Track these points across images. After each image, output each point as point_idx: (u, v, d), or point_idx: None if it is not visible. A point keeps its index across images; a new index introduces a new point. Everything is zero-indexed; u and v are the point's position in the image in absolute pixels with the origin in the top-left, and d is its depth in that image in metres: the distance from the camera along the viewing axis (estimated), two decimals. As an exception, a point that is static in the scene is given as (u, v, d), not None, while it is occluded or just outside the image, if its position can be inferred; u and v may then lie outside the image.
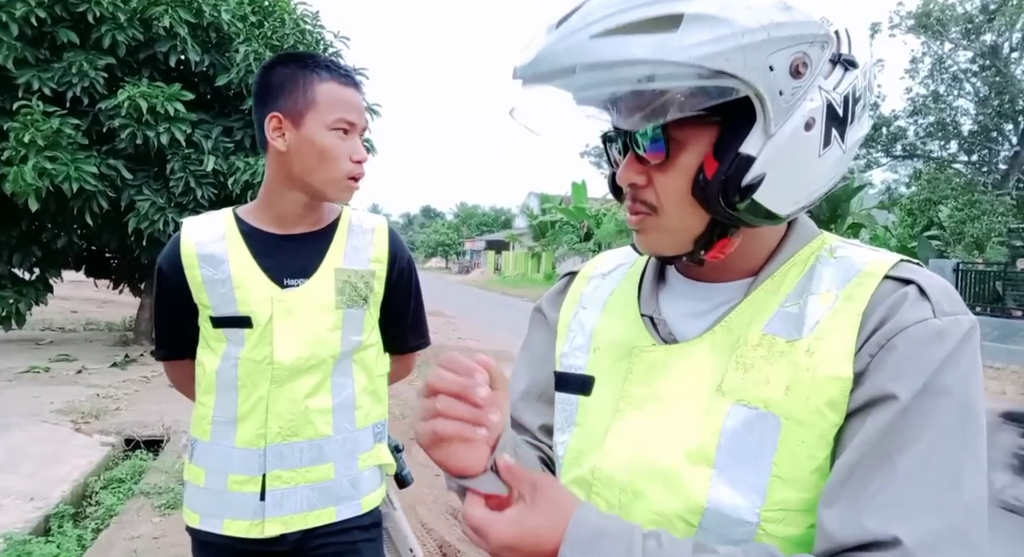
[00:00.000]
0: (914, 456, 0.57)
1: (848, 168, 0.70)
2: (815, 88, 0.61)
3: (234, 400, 1.37)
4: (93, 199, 7.14)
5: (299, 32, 8.23)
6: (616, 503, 0.69)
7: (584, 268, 0.88)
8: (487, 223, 65.40)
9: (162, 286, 1.45)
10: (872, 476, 0.58)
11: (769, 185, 0.61)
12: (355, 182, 1.37)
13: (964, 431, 0.58)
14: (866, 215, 19.98)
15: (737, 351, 0.67)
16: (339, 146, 1.33)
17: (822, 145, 0.62)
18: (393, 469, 1.55)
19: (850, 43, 0.62)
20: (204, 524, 1.39)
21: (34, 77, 6.93)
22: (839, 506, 0.58)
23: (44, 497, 3.55)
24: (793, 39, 0.58)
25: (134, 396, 6.05)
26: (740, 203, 0.62)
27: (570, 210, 29.28)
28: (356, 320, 1.42)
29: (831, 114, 0.62)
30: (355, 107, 1.36)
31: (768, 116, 0.59)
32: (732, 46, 0.55)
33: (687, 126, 0.62)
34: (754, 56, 0.56)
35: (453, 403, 0.57)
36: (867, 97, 0.66)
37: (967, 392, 0.59)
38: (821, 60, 0.60)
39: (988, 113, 20.65)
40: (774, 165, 0.61)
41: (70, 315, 12.07)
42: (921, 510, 0.56)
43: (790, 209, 0.65)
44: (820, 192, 0.67)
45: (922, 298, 0.62)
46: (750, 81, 0.57)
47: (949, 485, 0.57)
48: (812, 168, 0.63)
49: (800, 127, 0.61)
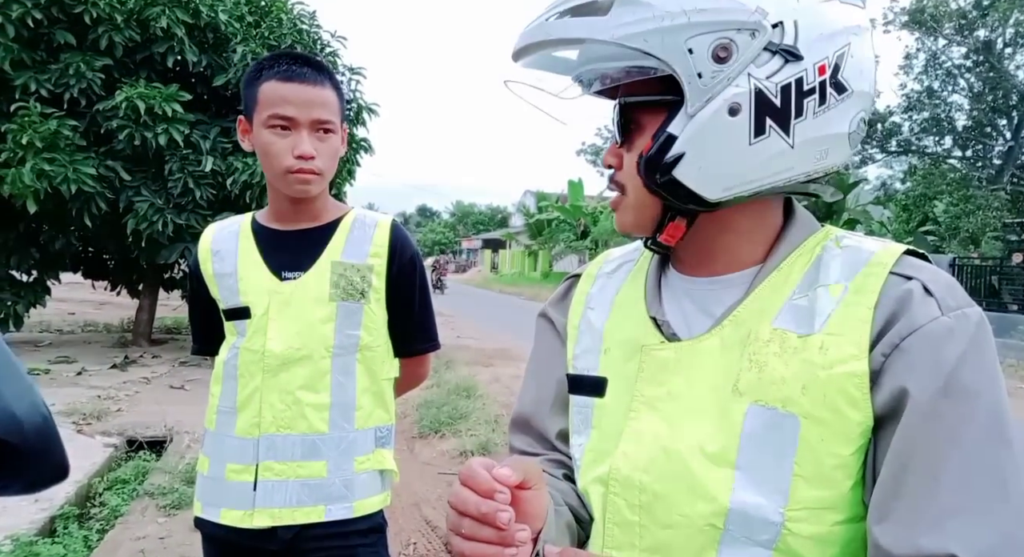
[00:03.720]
0: (955, 464, 0.57)
1: (832, 166, 0.67)
2: (743, 75, 0.62)
3: (235, 389, 1.41)
4: (91, 200, 7.13)
5: (296, 32, 8.23)
6: (637, 503, 0.69)
7: (587, 268, 0.88)
8: (483, 222, 65.31)
9: (190, 282, 1.55)
10: (917, 489, 0.58)
11: (689, 164, 0.64)
12: (303, 176, 1.34)
13: (1001, 432, 0.58)
14: (862, 211, 20.01)
15: (749, 347, 0.66)
16: (276, 143, 1.33)
17: (752, 133, 0.63)
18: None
19: (796, 36, 0.62)
20: (205, 512, 1.43)
21: (31, 79, 6.91)
22: (890, 522, 0.58)
23: (49, 498, 3.55)
24: (716, 25, 0.61)
25: (135, 397, 6.05)
26: (662, 179, 0.66)
27: (567, 208, 29.26)
28: (353, 314, 1.42)
29: (763, 102, 0.62)
30: (295, 101, 1.32)
31: (687, 97, 0.63)
32: (651, 28, 0.61)
33: (644, 110, 0.68)
34: (672, 38, 0.61)
35: (478, 528, 0.55)
36: (833, 93, 0.64)
37: (995, 391, 0.59)
38: (749, 47, 0.61)
39: (982, 108, 20.72)
40: (693, 145, 0.64)
41: (68, 317, 12.04)
42: (972, 522, 0.56)
43: (720, 194, 0.66)
44: (761, 183, 0.66)
45: (927, 295, 0.62)
46: (667, 61, 0.62)
47: (996, 491, 0.57)
48: (741, 155, 0.64)
49: (723, 111, 0.63)
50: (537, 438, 0.85)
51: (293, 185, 1.36)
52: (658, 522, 0.68)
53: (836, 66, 0.64)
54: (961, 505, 0.57)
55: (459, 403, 6.04)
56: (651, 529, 0.68)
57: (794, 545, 0.63)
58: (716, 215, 0.70)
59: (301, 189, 1.37)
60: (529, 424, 0.86)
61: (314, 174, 1.36)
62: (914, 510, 0.58)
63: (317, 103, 1.34)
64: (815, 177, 0.68)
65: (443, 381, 7.01)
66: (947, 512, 0.57)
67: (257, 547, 1.40)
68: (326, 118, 1.35)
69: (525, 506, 0.59)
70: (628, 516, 0.70)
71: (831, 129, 0.65)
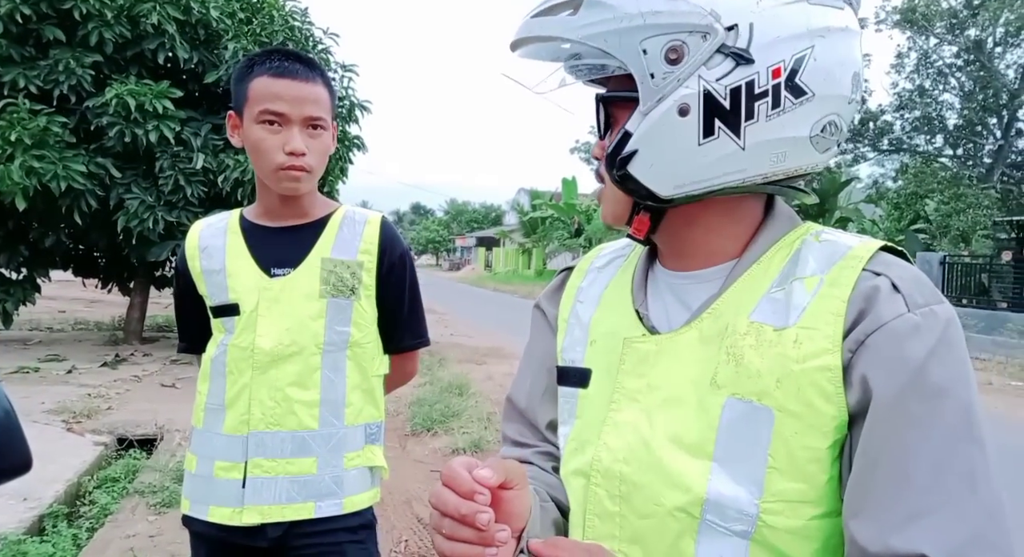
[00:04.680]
0: (925, 463, 0.58)
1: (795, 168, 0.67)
2: (694, 77, 0.63)
3: (223, 386, 1.40)
4: (81, 198, 7.10)
5: (288, 29, 8.20)
6: (616, 494, 0.70)
7: (580, 262, 0.90)
8: (477, 220, 65.24)
9: (177, 279, 1.54)
10: (888, 487, 0.58)
11: (642, 161, 0.67)
12: (293, 172, 1.34)
13: (970, 430, 0.59)
14: (854, 209, 20.13)
15: (727, 340, 0.67)
16: (267, 139, 1.33)
17: (701, 133, 0.64)
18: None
19: (750, 39, 0.62)
20: (193, 510, 1.42)
21: (20, 75, 6.86)
22: (863, 518, 0.59)
23: (37, 497, 3.53)
24: (669, 27, 0.63)
25: (126, 395, 6.02)
26: (618, 173, 0.68)
27: (560, 206, 29.30)
28: (343, 310, 1.42)
29: (712, 104, 0.63)
30: (287, 97, 1.32)
31: (640, 96, 0.65)
32: (611, 29, 0.64)
33: (618, 105, 0.70)
34: (628, 39, 0.64)
35: (458, 527, 0.56)
36: (788, 96, 0.64)
37: (965, 389, 0.60)
38: (700, 50, 0.63)
39: (973, 107, 20.87)
40: (645, 142, 0.66)
41: (58, 315, 11.97)
42: (942, 521, 0.56)
43: (671, 191, 0.67)
44: (711, 183, 0.66)
45: (894, 292, 0.62)
46: (624, 61, 0.65)
47: (965, 489, 0.57)
48: (691, 155, 0.65)
49: (672, 110, 0.64)
50: (528, 427, 0.87)
51: (283, 182, 1.36)
52: (637, 512, 0.69)
53: (793, 69, 0.63)
54: (931, 504, 0.57)
55: (452, 401, 6.04)
56: (630, 519, 0.69)
57: (771, 538, 0.63)
58: (683, 210, 0.71)
59: (291, 186, 1.37)
60: (521, 413, 0.88)
61: (304, 171, 1.35)
62: (885, 508, 0.58)
63: (309, 100, 1.34)
64: (775, 179, 0.68)
65: (436, 379, 7.01)
66: (917, 511, 0.57)
67: (246, 545, 1.40)
68: (317, 115, 1.35)
69: (507, 506, 0.60)
70: (609, 507, 0.71)
71: (786, 132, 0.65)
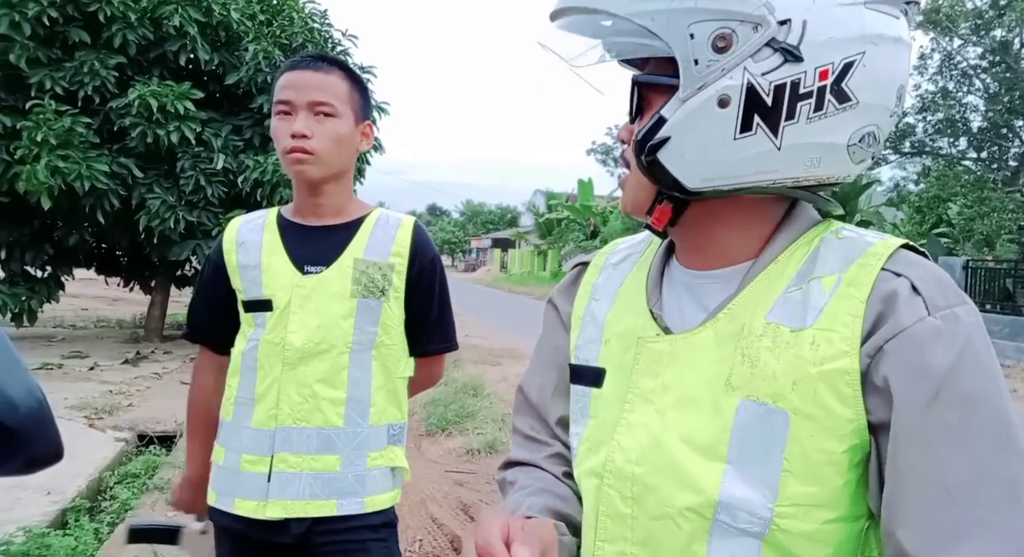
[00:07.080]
0: (964, 474, 0.56)
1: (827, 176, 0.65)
2: (739, 68, 0.61)
3: (253, 381, 1.43)
4: (104, 197, 7.21)
5: (308, 31, 8.28)
6: (629, 495, 0.69)
7: (595, 258, 0.87)
8: (493, 221, 65.30)
9: (205, 268, 1.56)
10: (927, 499, 0.57)
11: (673, 149, 0.64)
12: (296, 155, 1.37)
13: (1008, 437, 0.57)
14: (874, 212, 19.88)
15: (742, 341, 0.66)
16: (279, 127, 1.39)
17: (738, 128, 0.62)
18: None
19: (802, 36, 0.60)
20: (219, 502, 1.45)
21: (46, 76, 7.00)
22: (909, 529, 0.58)
23: (60, 491, 3.60)
24: (720, 13, 0.60)
25: (146, 392, 6.11)
26: (647, 159, 0.65)
27: (576, 208, 29.23)
28: (372, 311, 1.44)
29: (753, 99, 0.61)
30: (294, 85, 1.37)
31: (681, 82, 0.63)
32: (660, 7, 0.62)
33: (654, 88, 0.68)
34: (677, 21, 0.61)
35: None
36: (832, 101, 0.62)
37: (997, 394, 0.58)
38: (750, 41, 0.60)
39: (998, 109, 20.50)
40: (680, 131, 0.63)
41: (81, 312, 12.17)
42: (990, 538, 0.55)
43: (699, 184, 0.65)
44: (742, 180, 0.64)
45: (914, 294, 0.60)
46: (669, 43, 0.62)
47: (1007, 500, 0.56)
48: (725, 148, 0.63)
49: (712, 101, 0.62)
50: (539, 421, 0.87)
51: (291, 166, 1.39)
52: (649, 514, 0.68)
53: (841, 74, 0.61)
54: (975, 519, 0.56)
55: (466, 401, 6.06)
56: (642, 521, 0.69)
57: (784, 541, 0.62)
58: (707, 205, 0.69)
59: (297, 169, 1.38)
60: (532, 407, 0.88)
61: (307, 153, 1.36)
62: (929, 522, 0.57)
63: (313, 85, 1.37)
64: (805, 184, 0.66)
65: (451, 379, 7.03)
66: (962, 526, 0.56)
67: (271, 541, 1.42)
68: (322, 99, 1.37)
69: None
70: (621, 508, 0.70)
71: (825, 138, 0.63)
